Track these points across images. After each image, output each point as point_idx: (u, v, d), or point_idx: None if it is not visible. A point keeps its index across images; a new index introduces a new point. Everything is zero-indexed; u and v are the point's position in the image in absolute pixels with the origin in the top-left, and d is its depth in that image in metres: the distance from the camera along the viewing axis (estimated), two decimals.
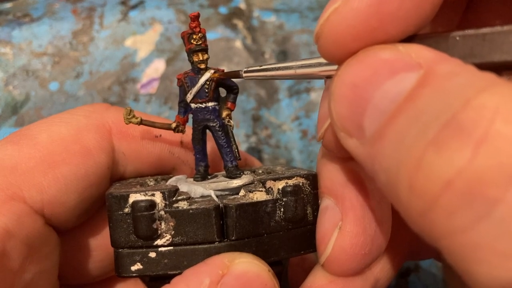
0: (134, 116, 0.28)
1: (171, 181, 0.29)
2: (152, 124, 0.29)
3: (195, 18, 0.27)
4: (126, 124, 0.28)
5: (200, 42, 0.27)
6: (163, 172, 0.32)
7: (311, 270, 0.37)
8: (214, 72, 0.28)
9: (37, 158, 0.26)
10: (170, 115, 0.49)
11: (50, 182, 0.26)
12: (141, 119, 0.29)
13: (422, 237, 0.17)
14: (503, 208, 0.14)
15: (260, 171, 0.30)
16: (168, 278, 0.23)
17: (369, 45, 0.20)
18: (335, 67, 0.22)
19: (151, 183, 0.29)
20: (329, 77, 0.23)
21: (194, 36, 0.27)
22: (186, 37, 0.27)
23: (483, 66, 0.18)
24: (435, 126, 0.16)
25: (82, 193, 0.28)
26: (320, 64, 0.23)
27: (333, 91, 0.20)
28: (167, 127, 0.29)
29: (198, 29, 0.27)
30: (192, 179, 0.29)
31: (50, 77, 0.49)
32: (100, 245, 0.31)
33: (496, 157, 0.15)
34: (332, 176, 0.26)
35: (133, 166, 0.31)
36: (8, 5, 0.52)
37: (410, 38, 0.20)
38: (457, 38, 0.19)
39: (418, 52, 0.19)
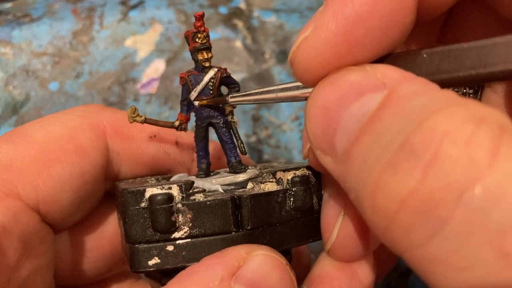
0: (138, 114, 0.29)
1: (174, 179, 0.29)
2: (156, 123, 0.30)
3: (200, 17, 0.27)
4: (131, 122, 0.29)
5: (205, 41, 0.28)
6: (159, 173, 0.32)
7: (307, 263, 0.37)
8: (214, 71, 0.28)
9: (31, 156, 0.26)
10: (170, 115, 0.49)
11: (45, 179, 0.26)
12: (145, 118, 0.29)
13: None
14: (452, 226, 0.15)
15: (257, 168, 0.30)
16: None
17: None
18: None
19: (153, 182, 0.29)
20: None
21: (199, 35, 0.27)
22: (191, 36, 0.27)
23: (448, 82, 0.19)
24: (391, 148, 0.17)
25: (77, 191, 0.28)
26: (298, 87, 0.24)
27: (307, 112, 0.21)
28: (170, 125, 0.30)
29: (203, 28, 0.27)
30: (194, 177, 0.29)
31: (50, 77, 0.49)
32: (94, 246, 0.31)
33: (444, 178, 0.15)
34: None
35: (127, 166, 0.31)
36: (8, 5, 0.52)
37: (384, 57, 0.21)
38: (424, 55, 0.20)
39: (384, 72, 0.19)
